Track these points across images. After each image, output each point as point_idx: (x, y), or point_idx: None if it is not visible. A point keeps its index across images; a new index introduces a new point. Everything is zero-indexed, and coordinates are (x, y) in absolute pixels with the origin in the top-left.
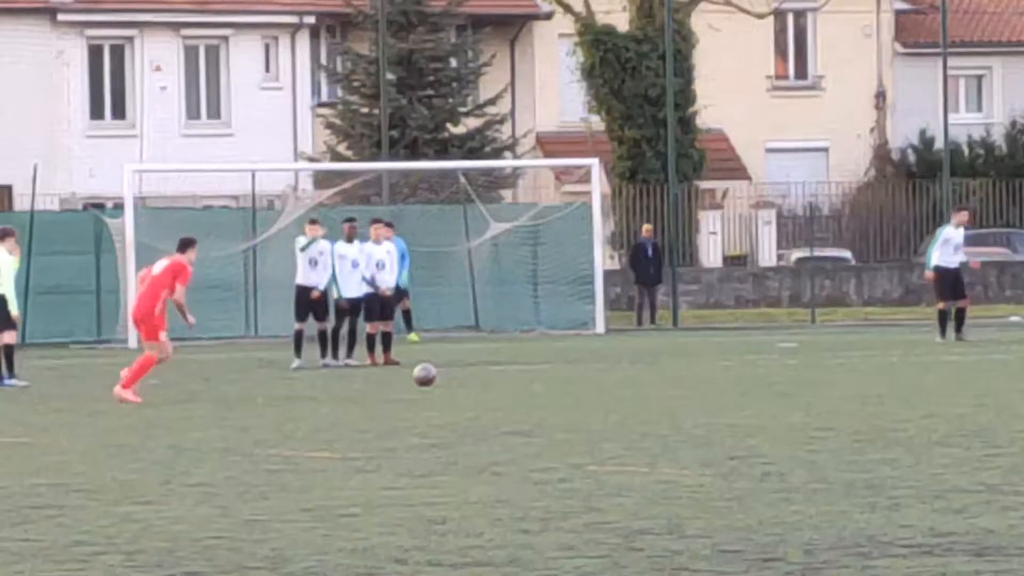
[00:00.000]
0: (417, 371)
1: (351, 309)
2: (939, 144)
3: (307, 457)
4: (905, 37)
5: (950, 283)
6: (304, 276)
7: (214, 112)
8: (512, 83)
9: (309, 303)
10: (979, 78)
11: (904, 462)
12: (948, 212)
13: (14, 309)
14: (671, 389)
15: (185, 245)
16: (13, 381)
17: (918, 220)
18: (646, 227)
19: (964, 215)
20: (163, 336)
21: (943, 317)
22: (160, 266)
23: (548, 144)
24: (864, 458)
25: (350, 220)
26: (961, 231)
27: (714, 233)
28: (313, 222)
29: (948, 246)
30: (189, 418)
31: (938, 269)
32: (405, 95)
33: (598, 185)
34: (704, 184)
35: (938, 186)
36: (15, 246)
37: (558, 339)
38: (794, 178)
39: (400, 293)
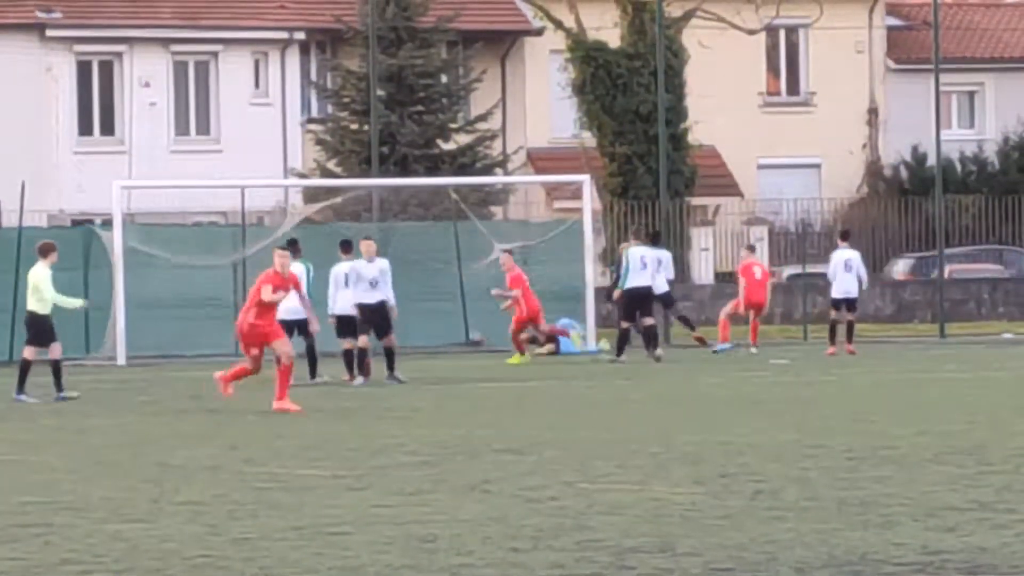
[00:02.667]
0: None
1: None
2: (931, 160)
3: (297, 475)
4: (897, 53)
5: (637, 303)
6: (365, 295)
7: (203, 128)
8: (503, 99)
9: (374, 320)
10: (971, 94)
11: (897, 480)
12: (940, 228)
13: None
14: (662, 406)
15: None
16: (24, 397)
17: (911, 236)
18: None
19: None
20: None
21: (625, 336)
22: None
23: (539, 160)
24: (856, 476)
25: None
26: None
27: (706, 250)
28: (367, 238)
29: (638, 266)
30: (178, 436)
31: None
32: (395, 111)
33: (589, 201)
34: (696, 200)
35: (931, 202)
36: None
37: (548, 356)
38: (786, 194)
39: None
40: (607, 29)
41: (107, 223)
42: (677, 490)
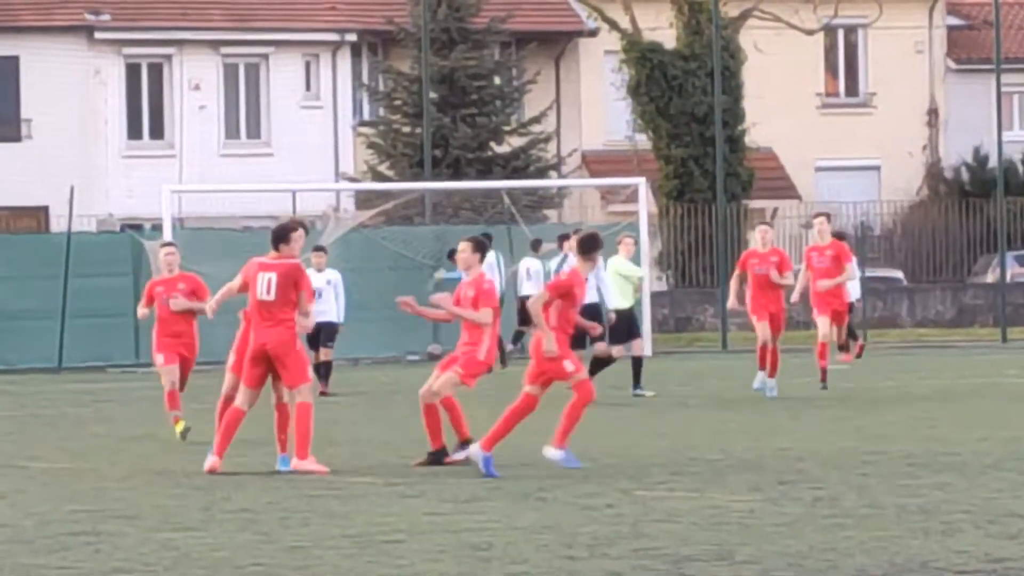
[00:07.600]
0: None
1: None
2: (993, 162)
3: (349, 482)
4: (958, 53)
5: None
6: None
7: (254, 131)
8: (557, 101)
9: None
10: None
11: (958, 486)
12: (1002, 231)
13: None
14: (720, 412)
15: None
16: (640, 391)
17: (971, 240)
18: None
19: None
20: None
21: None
22: None
23: (594, 163)
24: (917, 482)
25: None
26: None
27: None
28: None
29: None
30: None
31: None
32: (447, 114)
33: (645, 204)
34: (753, 203)
35: (992, 205)
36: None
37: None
38: (845, 197)
39: None
40: (662, 30)
41: (156, 228)
42: (735, 497)
